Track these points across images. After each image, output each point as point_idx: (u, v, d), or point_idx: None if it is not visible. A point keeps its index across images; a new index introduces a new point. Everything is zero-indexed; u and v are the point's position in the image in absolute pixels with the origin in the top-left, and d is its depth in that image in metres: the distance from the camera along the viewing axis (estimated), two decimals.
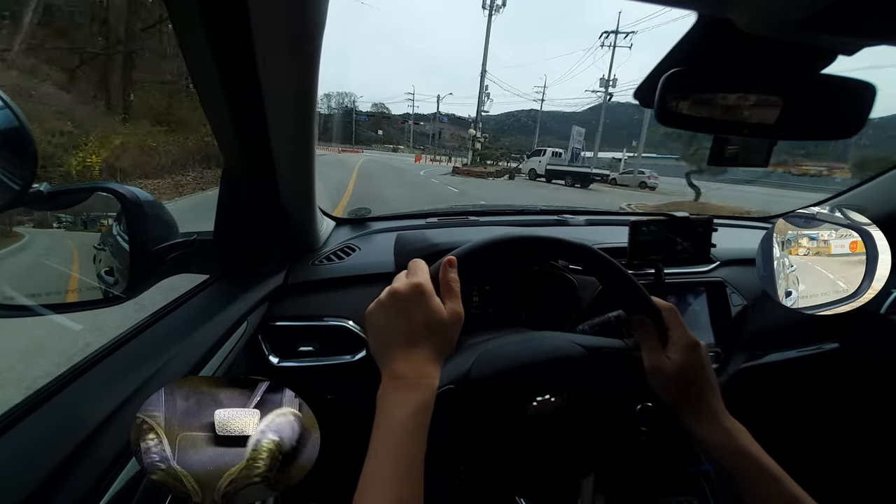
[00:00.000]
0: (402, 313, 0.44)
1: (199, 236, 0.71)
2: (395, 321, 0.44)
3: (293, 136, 0.63)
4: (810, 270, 0.89)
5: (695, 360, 0.48)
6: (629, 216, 1.04)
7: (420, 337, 0.43)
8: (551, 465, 0.53)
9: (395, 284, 0.46)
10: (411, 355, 0.42)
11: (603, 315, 0.80)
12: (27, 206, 0.56)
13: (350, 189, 10.22)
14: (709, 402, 0.46)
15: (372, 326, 0.46)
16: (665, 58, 0.40)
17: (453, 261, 0.48)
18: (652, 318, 0.51)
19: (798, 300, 0.86)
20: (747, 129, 0.40)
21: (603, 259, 0.53)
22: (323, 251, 0.95)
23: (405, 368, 0.42)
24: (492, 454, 0.52)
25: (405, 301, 0.44)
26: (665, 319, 0.50)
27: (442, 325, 0.44)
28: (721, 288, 1.00)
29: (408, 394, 0.40)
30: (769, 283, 0.91)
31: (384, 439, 0.38)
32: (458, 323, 0.45)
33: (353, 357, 0.81)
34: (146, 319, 0.61)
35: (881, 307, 0.99)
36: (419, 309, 0.43)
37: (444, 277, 0.47)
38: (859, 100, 0.40)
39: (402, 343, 0.43)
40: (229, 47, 0.49)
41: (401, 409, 0.39)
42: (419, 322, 0.43)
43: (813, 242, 0.91)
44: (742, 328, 0.98)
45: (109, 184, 0.60)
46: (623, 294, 0.53)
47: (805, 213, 0.91)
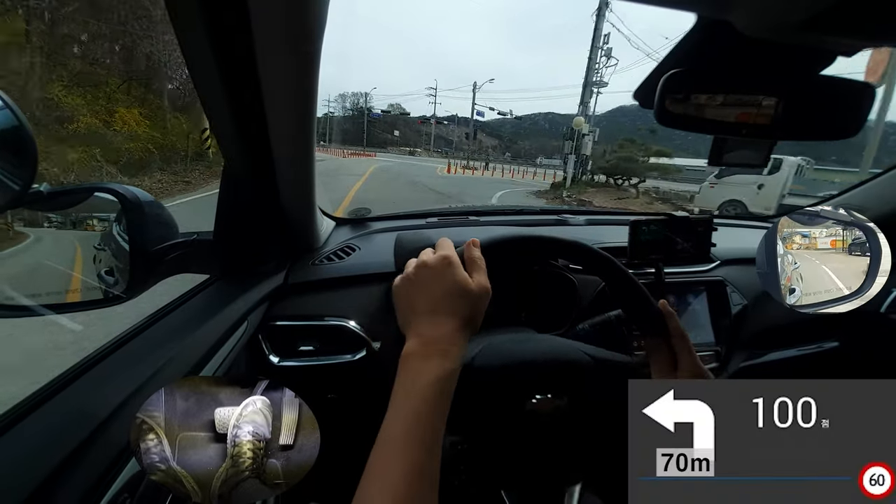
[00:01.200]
0: (431, 282, 0.44)
1: (199, 236, 0.71)
2: (423, 290, 0.44)
3: (293, 136, 0.63)
4: (811, 270, 0.89)
5: None
6: (629, 216, 1.04)
7: (448, 305, 0.43)
8: (542, 463, 0.53)
9: (422, 258, 0.46)
10: (439, 322, 0.42)
11: (603, 314, 0.80)
12: (27, 207, 0.56)
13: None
14: None
15: (399, 298, 0.46)
16: (665, 59, 0.40)
17: (477, 241, 0.49)
18: (666, 342, 0.51)
19: (798, 299, 0.87)
20: (746, 130, 0.40)
21: (625, 275, 0.53)
22: (323, 251, 0.96)
23: (433, 334, 0.41)
24: (484, 444, 0.52)
25: (433, 270, 0.44)
26: (676, 346, 0.50)
27: (470, 296, 0.44)
28: (721, 287, 1.00)
29: (435, 360, 0.39)
30: (769, 283, 0.91)
31: (405, 402, 0.37)
32: (485, 296, 0.45)
33: (354, 356, 0.81)
34: (146, 319, 0.61)
35: (881, 306, 0.99)
36: (447, 278, 0.44)
37: (469, 255, 0.48)
38: (859, 100, 0.40)
39: (430, 310, 0.43)
40: (229, 47, 0.49)
41: (426, 374, 0.38)
42: (447, 290, 0.43)
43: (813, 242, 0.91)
44: (742, 327, 0.98)
45: (109, 184, 0.60)
46: (641, 314, 0.53)
47: (806, 213, 0.91)
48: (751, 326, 0.99)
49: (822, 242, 0.91)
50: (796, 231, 0.88)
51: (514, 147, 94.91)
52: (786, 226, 0.90)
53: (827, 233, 0.92)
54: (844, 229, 0.92)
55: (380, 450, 0.35)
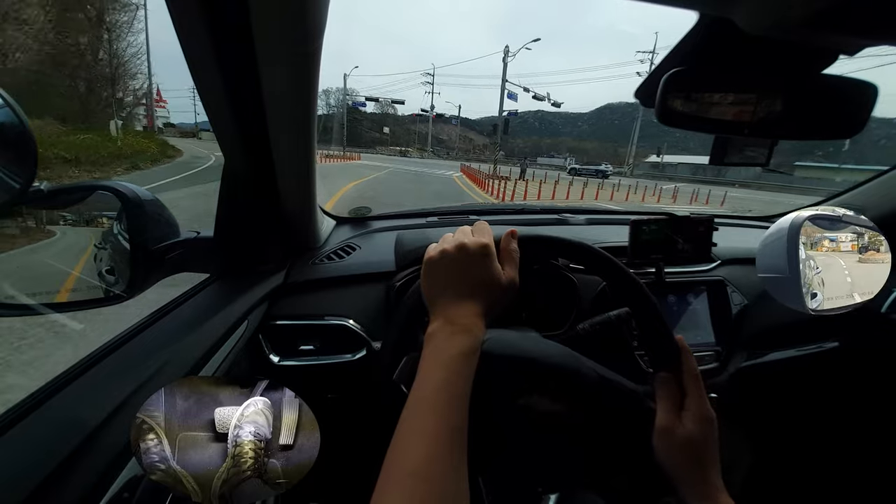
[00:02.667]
0: (466, 267, 0.46)
1: (200, 235, 0.71)
2: (457, 272, 0.46)
3: (293, 135, 0.63)
4: (811, 270, 0.89)
5: (707, 434, 0.47)
6: (629, 215, 1.04)
7: (476, 292, 0.45)
8: (524, 461, 0.53)
9: (463, 239, 0.47)
10: (465, 305, 0.44)
11: (604, 314, 0.80)
12: (27, 205, 0.56)
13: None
14: (710, 478, 0.46)
15: (432, 272, 0.47)
16: (666, 58, 0.40)
17: (515, 232, 0.51)
18: (676, 379, 0.50)
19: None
20: (748, 129, 0.40)
21: (650, 304, 0.53)
22: (323, 250, 0.96)
23: (459, 315, 0.43)
24: (471, 429, 0.51)
25: (471, 256, 0.46)
26: (687, 385, 0.49)
27: (499, 288, 0.46)
28: (722, 287, 1.00)
29: (459, 337, 0.41)
30: (770, 283, 0.91)
31: (433, 372, 0.39)
32: (513, 289, 0.47)
33: (354, 356, 0.81)
34: (146, 319, 0.61)
35: (881, 307, 0.99)
36: (482, 267, 0.46)
37: (506, 246, 0.49)
38: (861, 100, 0.40)
39: (460, 292, 0.45)
40: (230, 48, 0.49)
41: (452, 348, 0.40)
42: (479, 279, 0.45)
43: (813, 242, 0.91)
44: (742, 327, 0.98)
45: (110, 182, 0.60)
46: (657, 346, 0.53)
47: (813, 214, 0.91)
48: (751, 326, 0.99)
49: (823, 243, 0.91)
50: (803, 231, 0.87)
51: (506, 146, 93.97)
52: (786, 226, 0.90)
53: (827, 233, 0.92)
54: (845, 229, 0.92)
55: (410, 411, 0.37)
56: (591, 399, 0.52)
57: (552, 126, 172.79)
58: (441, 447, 0.34)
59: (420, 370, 0.40)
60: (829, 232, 0.91)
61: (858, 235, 0.92)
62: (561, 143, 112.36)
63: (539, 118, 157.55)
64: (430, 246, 0.49)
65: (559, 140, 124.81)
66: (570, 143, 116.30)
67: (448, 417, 0.36)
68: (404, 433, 0.36)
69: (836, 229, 0.91)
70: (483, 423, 0.50)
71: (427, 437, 0.35)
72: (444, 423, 0.36)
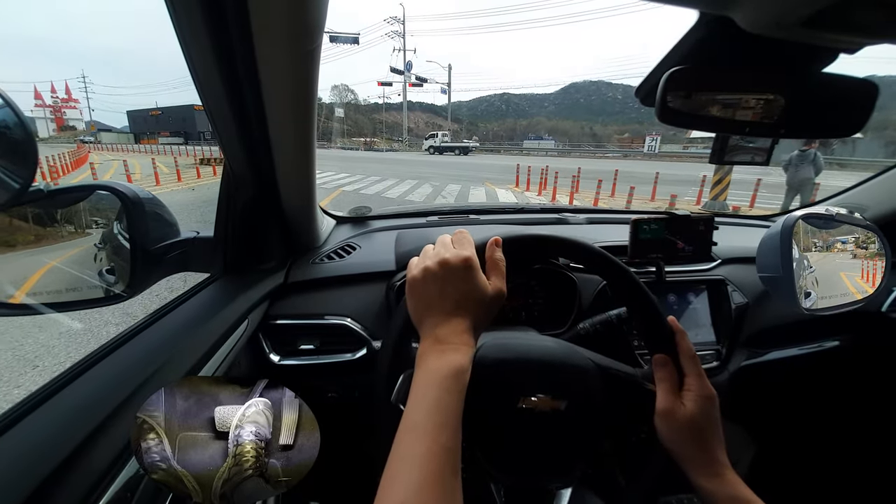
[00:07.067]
0: (450, 283, 0.45)
1: (200, 235, 0.71)
2: (441, 289, 0.45)
3: (293, 135, 0.63)
4: (811, 269, 0.89)
5: (709, 412, 0.47)
6: (630, 214, 1.04)
7: (463, 307, 0.44)
8: (533, 462, 0.53)
9: (445, 254, 0.46)
10: (453, 322, 0.44)
11: (604, 313, 0.80)
12: (27, 205, 0.56)
13: None
14: (716, 455, 0.46)
15: (416, 291, 0.46)
16: (666, 56, 0.39)
17: (499, 241, 0.50)
18: (674, 361, 0.50)
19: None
20: (749, 128, 0.40)
21: (640, 288, 0.53)
22: (323, 250, 0.96)
23: (447, 333, 0.43)
24: (476, 437, 0.51)
25: (454, 272, 0.45)
26: (685, 366, 0.50)
27: (486, 300, 0.45)
28: (722, 286, 1.00)
29: (449, 356, 0.41)
30: (767, 282, 0.91)
31: (425, 393, 0.39)
32: (500, 300, 0.46)
33: (354, 355, 0.81)
34: (146, 319, 0.61)
35: (881, 306, 0.99)
36: (466, 281, 0.45)
37: (490, 256, 0.49)
38: (861, 98, 0.40)
39: (446, 310, 0.44)
40: (230, 47, 0.49)
41: (442, 368, 0.40)
42: (465, 293, 0.44)
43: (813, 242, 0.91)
44: (743, 326, 0.98)
45: (110, 182, 0.60)
46: (651, 330, 0.53)
47: (806, 213, 0.91)
48: (751, 325, 0.99)
49: (823, 242, 0.91)
50: (796, 230, 0.87)
51: (477, 131, 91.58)
52: (786, 225, 0.90)
53: (827, 232, 0.92)
54: (839, 228, 0.92)
55: (404, 435, 0.37)
56: (591, 390, 0.52)
57: (519, 108, 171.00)
58: (433, 473, 0.34)
59: (412, 393, 0.40)
60: (822, 231, 0.91)
61: (852, 234, 0.92)
62: (539, 125, 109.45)
63: (505, 101, 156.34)
64: (410, 262, 0.48)
65: (535, 121, 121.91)
66: (546, 123, 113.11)
67: (440, 440, 0.36)
68: (396, 460, 0.36)
69: (830, 228, 0.91)
70: (483, 428, 0.50)
71: (418, 462, 0.35)
72: (437, 446, 0.36)
